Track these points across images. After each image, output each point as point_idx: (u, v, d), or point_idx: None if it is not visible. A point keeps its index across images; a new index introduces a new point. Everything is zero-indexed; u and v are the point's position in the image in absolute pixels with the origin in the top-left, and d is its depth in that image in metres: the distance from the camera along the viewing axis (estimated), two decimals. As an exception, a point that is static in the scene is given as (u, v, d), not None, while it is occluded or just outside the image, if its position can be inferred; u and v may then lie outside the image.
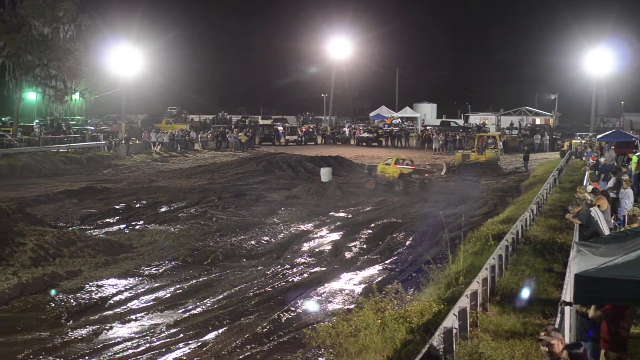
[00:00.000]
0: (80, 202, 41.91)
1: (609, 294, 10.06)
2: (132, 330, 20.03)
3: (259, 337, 19.14)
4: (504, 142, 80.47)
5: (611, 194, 26.19)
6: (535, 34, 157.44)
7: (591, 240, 13.59)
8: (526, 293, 18.49)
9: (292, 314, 21.32)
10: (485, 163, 62.13)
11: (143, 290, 23.92)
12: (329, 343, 16.71)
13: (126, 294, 23.41)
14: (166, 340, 19.11)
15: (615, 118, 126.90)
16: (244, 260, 28.96)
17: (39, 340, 19.05)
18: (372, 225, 36.23)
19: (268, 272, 26.40)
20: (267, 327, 19.91)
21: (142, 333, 19.70)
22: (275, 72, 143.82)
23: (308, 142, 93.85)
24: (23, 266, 25.26)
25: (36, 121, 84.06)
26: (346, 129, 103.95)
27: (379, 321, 16.55)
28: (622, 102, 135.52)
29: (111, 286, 24.22)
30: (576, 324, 12.41)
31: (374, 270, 27.09)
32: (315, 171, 55.76)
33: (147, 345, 18.74)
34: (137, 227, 34.97)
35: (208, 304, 22.37)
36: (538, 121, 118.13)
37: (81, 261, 27.05)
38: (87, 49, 71.82)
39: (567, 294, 13.02)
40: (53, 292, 23.08)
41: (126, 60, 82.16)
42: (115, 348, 18.53)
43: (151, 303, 22.55)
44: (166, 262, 27.59)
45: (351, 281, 25.43)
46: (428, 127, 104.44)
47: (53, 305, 21.97)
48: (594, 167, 39.78)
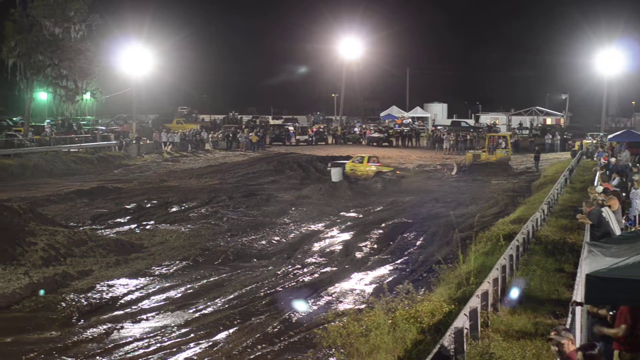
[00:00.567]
0: (91, 202, 42.02)
1: (620, 295, 10.06)
2: (143, 329, 20.07)
3: (270, 337, 19.15)
4: (515, 142, 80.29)
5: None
6: (546, 34, 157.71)
7: (602, 240, 13.58)
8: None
9: (303, 314, 21.34)
10: (496, 163, 61.98)
11: (154, 290, 23.96)
12: (340, 343, 16.71)
13: (137, 294, 23.45)
14: (177, 340, 19.15)
15: (626, 118, 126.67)
16: (255, 260, 28.98)
17: (50, 339, 19.10)
18: (383, 225, 36.22)
19: (279, 272, 26.41)
20: (278, 327, 19.93)
21: (153, 333, 19.74)
22: (285, 72, 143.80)
23: (319, 142, 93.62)
24: (34, 266, 25.30)
25: (47, 121, 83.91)
26: (357, 129, 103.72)
27: (390, 321, 16.56)
28: (633, 102, 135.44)
29: (122, 286, 24.27)
30: (587, 325, 12.39)
31: (385, 270, 27.09)
32: (325, 171, 55.71)
33: (158, 345, 18.78)
34: (148, 227, 34.99)
35: (219, 304, 22.38)
36: (549, 121, 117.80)
37: (92, 261, 27.10)
38: (98, 49, 71.77)
39: (578, 294, 13.00)
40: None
41: (137, 60, 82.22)
42: (126, 348, 18.58)
43: (162, 303, 22.58)
44: (177, 262, 27.60)
45: (362, 281, 25.43)
46: (439, 127, 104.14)
47: (64, 305, 22.01)
48: (605, 167, 39.72)
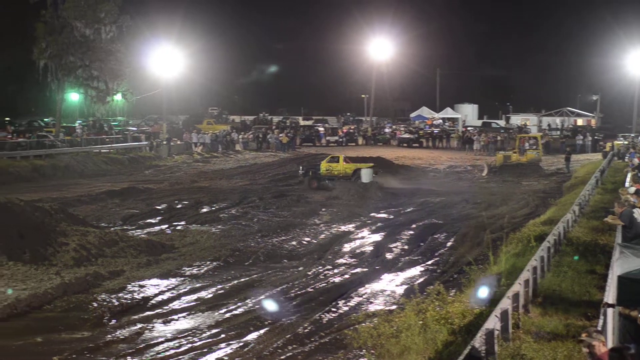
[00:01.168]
0: (122, 203, 42.24)
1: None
2: (174, 330, 20.17)
3: (300, 338, 19.19)
4: (546, 143, 79.89)
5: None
6: (577, 35, 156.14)
7: (634, 241, 13.52)
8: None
9: (334, 315, 21.35)
10: (526, 164, 61.78)
11: (185, 290, 24.06)
12: (371, 344, 16.73)
13: (168, 294, 23.57)
14: (208, 340, 19.23)
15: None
16: (285, 260, 29.04)
17: (82, 339, 19.25)
18: (414, 226, 36.20)
19: (309, 273, 26.43)
20: (309, 328, 19.97)
21: (184, 333, 19.83)
22: (316, 73, 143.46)
23: (349, 143, 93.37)
24: (66, 266, 25.48)
25: (78, 122, 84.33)
26: (387, 130, 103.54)
27: (421, 322, 16.53)
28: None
29: (153, 286, 24.39)
30: (619, 326, 12.32)
31: (415, 271, 27.08)
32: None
33: (189, 345, 18.87)
34: (179, 228, 35.16)
35: (249, 304, 22.45)
36: (580, 122, 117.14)
37: (123, 261, 27.26)
38: (129, 50, 72.22)
39: (610, 296, 12.95)
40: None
41: (167, 61, 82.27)
42: (157, 348, 18.68)
43: (193, 303, 22.68)
44: (208, 263, 27.73)
45: (392, 282, 25.43)
46: (469, 128, 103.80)
47: (96, 305, 22.15)
48: (637, 168, 39.45)
